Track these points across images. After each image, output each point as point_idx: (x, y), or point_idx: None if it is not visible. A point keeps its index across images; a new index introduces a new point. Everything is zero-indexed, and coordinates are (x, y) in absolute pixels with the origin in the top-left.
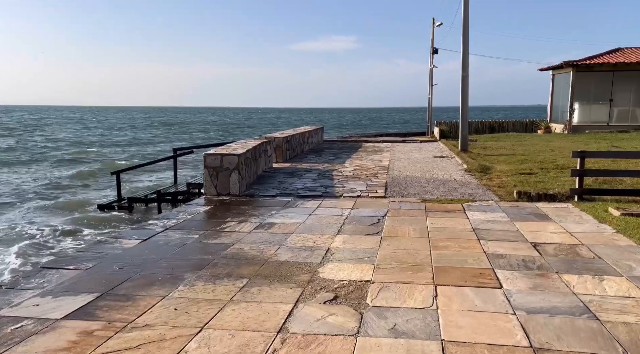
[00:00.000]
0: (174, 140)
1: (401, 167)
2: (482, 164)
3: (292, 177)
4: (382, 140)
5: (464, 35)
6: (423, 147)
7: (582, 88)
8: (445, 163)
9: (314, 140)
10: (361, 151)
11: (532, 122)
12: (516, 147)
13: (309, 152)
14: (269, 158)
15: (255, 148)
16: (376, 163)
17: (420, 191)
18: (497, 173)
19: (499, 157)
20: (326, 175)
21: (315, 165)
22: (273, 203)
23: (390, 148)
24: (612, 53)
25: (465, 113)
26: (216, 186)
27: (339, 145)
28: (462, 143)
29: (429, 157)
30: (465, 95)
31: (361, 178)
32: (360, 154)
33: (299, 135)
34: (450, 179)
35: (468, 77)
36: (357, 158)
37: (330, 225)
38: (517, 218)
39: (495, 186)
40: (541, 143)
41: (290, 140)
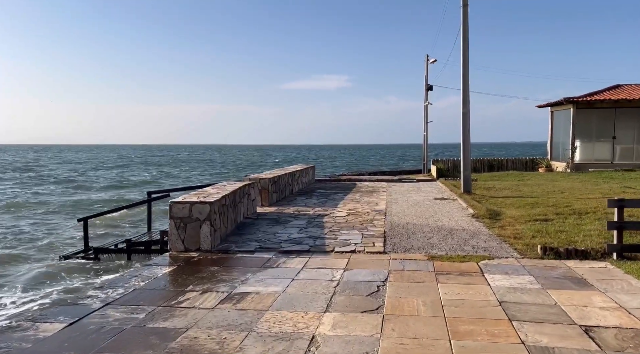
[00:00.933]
0: (156, 181)
1: (400, 211)
2: (490, 209)
3: (277, 224)
4: (376, 179)
5: (464, 70)
6: (421, 186)
7: (583, 126)
8: (448, 207)
9: (304, 180)
10: (355, 191)
11: (533, 160)
12: (521, 187)
13: (299, 192)
14: (252, 202)
15: (235, 192)
16: (372, 207)
17: (425, 244)
18: (509, 219)
19: (505, 200)
20: (316, 222)
21: (305, 209)
22: (250, 262)
23: (386, 188)
24: (611, 89)
25: (467, 152)
26: (184, 240)
27: (331, 184)
28: (465, 184)
29: (429, 199)
30: (466, 133)
31: (355, 226)
32: (355, 195)
33: (288, 175)
34: (457, 227)
35: (469, 114)
36: (351, 200)
37: (317, 296)
38: (550, 285)
39: (511, 238)
40: (546, 183)
41: (278, 181)
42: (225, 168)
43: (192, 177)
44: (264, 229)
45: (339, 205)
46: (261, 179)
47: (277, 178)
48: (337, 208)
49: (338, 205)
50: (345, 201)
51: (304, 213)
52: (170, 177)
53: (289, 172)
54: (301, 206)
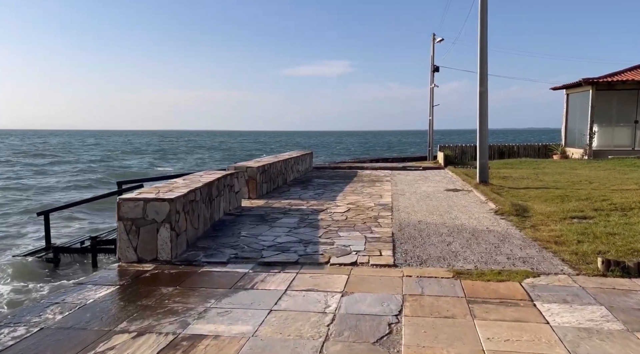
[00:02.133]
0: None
1: (409, 205)
2: (515, 203)
3: (262, 223)
4: (379, 167)
5: (481, 43)
6: (428, 175)
7: (602, 109)
8: (464, 201)
9: (300, 168)
10: (356, 181)
11: (546, 146)
12: (540, 176)
13: (293, 182)
14: (236, 195)
15: (211, 185)
16: (375, 200)
17: (446, 253)
18: (540, 217)
19: (528, 191)
20: (309, 219)
21: (298, 202)
22: (217, 280)
23: (391, 177)
24: (633, 70)
25: (484, 137)
26: (136, 248)
27: (330, 173)
28: (481, 173)
29: (441, 191)
30: (483, 115)
31: (357, 226)
32: (355, 185)
33: (281, 163)
34: (480, 227)
35: (487, 93)
36: (352, 192)
37: (302, 341)
38: (636, 324)
39: (552, 242)
40: (566, 171)
41: (268, 170)
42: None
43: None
44: (246, 229)
45: (338, 198)
46: (248, 168)
47: (267, 166)
48: (336, 202)
49: (337, 197)
50: (344, 192)
51: (297, 207)
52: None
53: (283, 160)
54: (294, 199)
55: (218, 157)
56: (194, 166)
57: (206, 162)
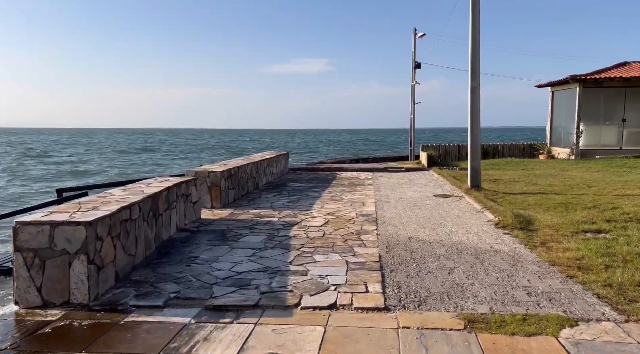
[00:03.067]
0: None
1: (395, 215)
2: (516, 213)
3: (222, 242)
4: (359, 169)
5: (473, 32)
6: (413, 178)
7: (589, 107)
8: (457, 209)
9: (274, 171)
10: (335, 185)
11: (531, 145)
12: (532, 178)
13: (266, 187)
14: (194, 205)
15: (157, 197)
16: (357, 209)
17: (449, 285)
18: (548, 230)
19: (525, 198)
20: (279, 237)
21: (268, 213)
22: (143, 341)
23: (372, 180)
24: (619, 67)
25: (476, 137)
26: (40, 287)
27: (307, 175)
28: (473, 177)
29: (429, 197)
30: (475, 112)
31: (337, 245)
32: (335, 190)
33: (251, 165)
34: (483, 246)
35: (479, 88)
36: (330, 198)
37: None
38: None
39: (573, 267)
40: (558, 173)
41: (236, 174)
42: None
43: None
44: (199, 252)
45: (315, 206)
46: (211, 172)
47: (234, 170)
48: (312, 211)
49: (313, 205)
50: (322, 199)
51: (267, 219)
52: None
53: (253, 162)
54: (265, 209)
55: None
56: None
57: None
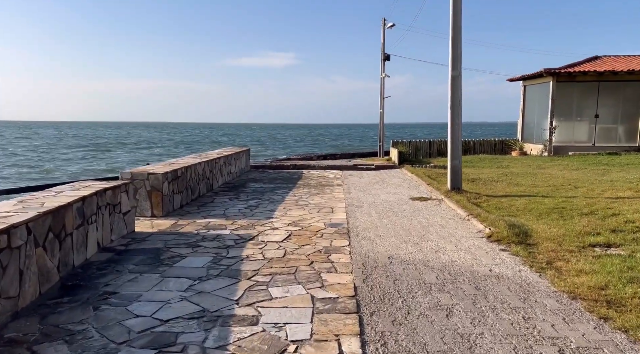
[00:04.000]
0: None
1: (370, 225)
2: (510, 223)
3: (152, 267)
4: (327, 166)
5: (454, 17)
6: (385, 177)
7: (563, 102)
8: (439, 216)
9: (233, 169)
10: (301, 185)
11: (502, 142)
12: (511, 177)
13: (222, 189)
14: (124, 217)
15: (63, 211)
16: (326, 216)
17: (450, 338)
18: (550, 244)
19: (512, 201)
20: (228, 258)
21: (220, 223)
22: None
23: (342, 179)
24: (591, 61)
25: (457, 132)
26: None
27: (270, 174)
28: (453, 178)
29: (405, 200)
30: (456, 104)
31: (300, 272)
32: (300, 192)
33: (204, 164)
34: (481, 269)
35: (460, 78)
36: (295, 203)
37: None
38: None
39: (601, 302)
40: (537, 172)
41: (184, 176)
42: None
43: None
44: (117, 285)
45: (276, 213)
46: (151, 174)
47: (181, 171)
48: (273, 220)
49: (275, 212)
50: (286, 204)
51: (216, 233)
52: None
53: (207, 160)
54: (216, 217)
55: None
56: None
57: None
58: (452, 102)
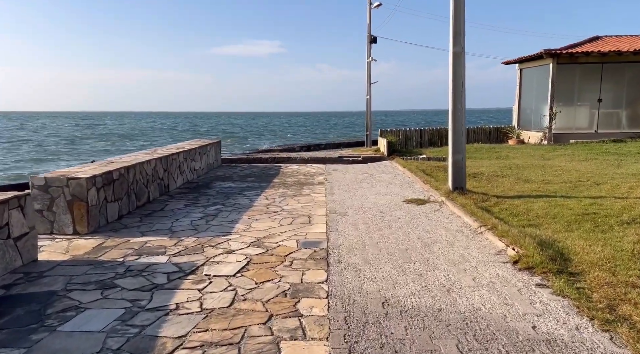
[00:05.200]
0: None
1: (356, 242)
2: (537, 239)
3: (17, 340)
4: (310, 158)
5: None
6: (374, 172)
7: (563, 86)
8: (443, 228)
9: (199, 165)
10: (276, 184)
11: (498, 129)
12: (517, 171)
13: (181, 189)
14: (14, 243)
15: None
16: (300, 230)
17: None
18: (604, 276)
19: (529, 204)
20: (146, 314)
21: (160, 243)
22: None
23: (325, 175)
24: (592, 41)
25: (461, 119)
26: None
27: (244, 169)
28: (455, 175)
29: (398, 203)
30: (458, 86)
31: (248, 343)
32: (274, 194)
33: (155, 162)
34: (522, 327)
35: (464, 55)
36: (265, 210)
37: None
38: None
39: None
40: (543, 163)
41: (124, 178)
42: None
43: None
44: None
45: (238, 226)
46: (72, 179)
47: (119, 172)
48: (230, 238)
49: (237, 224)
50: (253, 211)
51: (147, 261)
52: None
53: (160, 157)
54: (158, 234)
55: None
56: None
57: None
58: (454, 84)
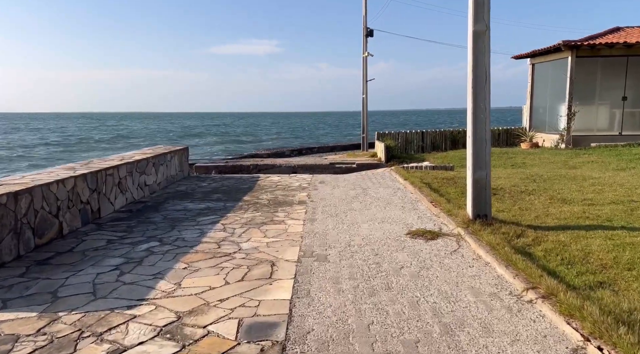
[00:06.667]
0: None
1: (336, 331)
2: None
3: None
4: (297, 166)
5: None
6: (369, 186)
7: (583, 82)
8: (469, 292)
9: (152, 179)
10: (245, 205)
11: (507, 131)
12: (543, 184)
13: (120, 213)
14: None
15: None
16: (252, 295)
17: None
18: None
19: (584, 243)
20: None
21: (16, 324)
22: None
23: (309, 190)
24: (612, 33)
25: (483, 122)
26: None
27: (213, 181)
28: (477, 199)
29: (401, 238)
30: (480, 77)
31: None
32: (236, 221)
33: (73, 181)
34: None
35: (489, 35)
36: (211, 252)
37: None
38: None
39: None
40: (570, 174)
41: (6, 211)
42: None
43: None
44: None
45: (161, 284)
46: None
47: (4, 198)
48: (137, 313)
49: (161, 280)
50: (194, 254)
51: None
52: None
53: (86, 174)
54: (27, 304)
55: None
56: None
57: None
58: (475, 76)
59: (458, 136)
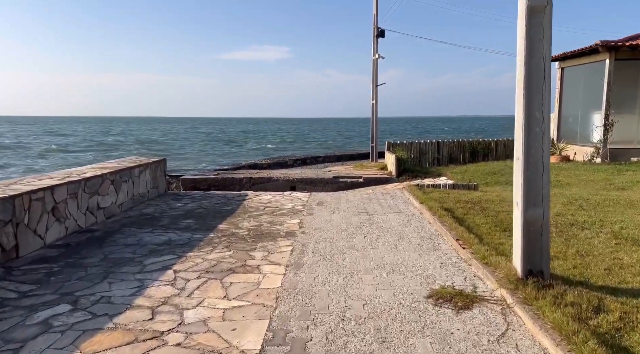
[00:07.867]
0: None
1: None
2: None
3: None
4: (296, 179)
5: None
6: (376, 210)
7: (621, 88)
8: None
9: (111, 200)
10: (216, 237)
11: None
12: (595, 215)
13: (51, 248)
14: None
15: None
16: None
17: None
18: None
19: None
20: None
21: None
22: None
23: (303, 215)
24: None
25: (539, 135)
26: None
27: (190, 201)
28: (529, 249)
29: (419, 303)
30: (535, 74)
31: None
32: (196, 264)
33: None
34: None
35: (550, 11)
36: (136, 332)
37: None
38: None
39: None
40: (621, 196)
41: None
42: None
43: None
44: None
45: None
46: None
47: None
48: None
49: None
50: (105, 335)
51: None
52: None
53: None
54: None
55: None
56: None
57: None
58: (528, 71)
59: (478, 147)
